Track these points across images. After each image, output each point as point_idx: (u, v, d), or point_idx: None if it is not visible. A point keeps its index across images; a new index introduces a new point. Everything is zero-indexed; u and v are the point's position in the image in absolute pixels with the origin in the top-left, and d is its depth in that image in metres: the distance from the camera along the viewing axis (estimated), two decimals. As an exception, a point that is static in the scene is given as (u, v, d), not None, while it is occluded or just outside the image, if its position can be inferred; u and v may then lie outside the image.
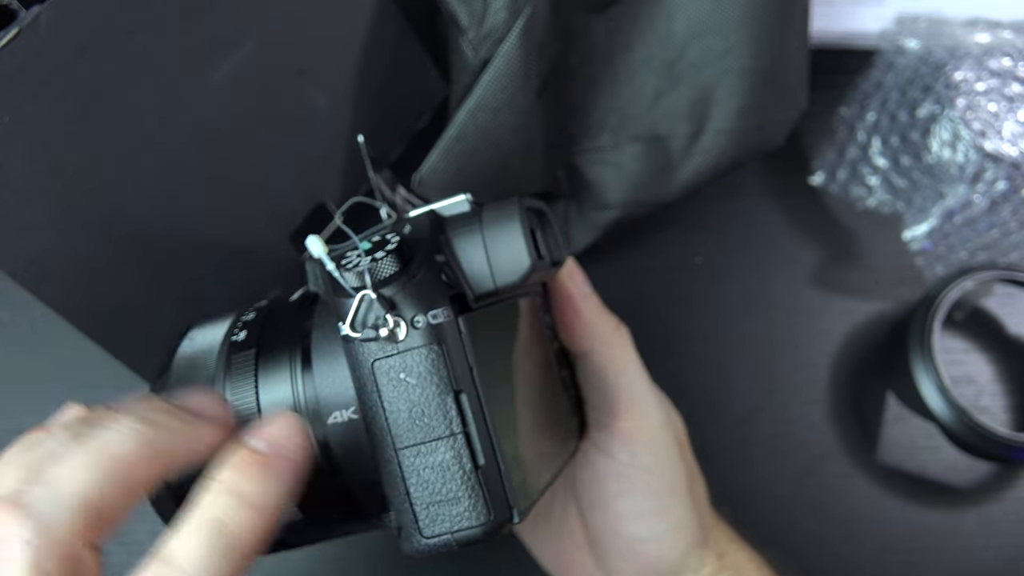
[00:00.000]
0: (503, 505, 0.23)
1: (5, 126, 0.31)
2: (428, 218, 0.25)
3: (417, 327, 0.22)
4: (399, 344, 0.23)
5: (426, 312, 0.23)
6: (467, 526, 0.22)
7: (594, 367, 0.32)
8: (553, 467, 0.29)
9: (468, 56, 0.39)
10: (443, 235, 0.25)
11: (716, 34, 0.40)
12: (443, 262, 0.24)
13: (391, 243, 0.24)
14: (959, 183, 0.43)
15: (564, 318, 0.33)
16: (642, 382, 0.33)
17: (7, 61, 0.30)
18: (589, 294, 0.33)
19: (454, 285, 0.24)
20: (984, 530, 0.44)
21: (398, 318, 0.22)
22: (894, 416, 0.45)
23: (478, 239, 0.25)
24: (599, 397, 0.33)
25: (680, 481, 0.33)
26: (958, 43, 0.44)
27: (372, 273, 0.23)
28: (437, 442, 0.22)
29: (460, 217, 0.26)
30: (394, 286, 0.23)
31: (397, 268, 0.23)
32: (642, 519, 0.32)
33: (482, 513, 0.22)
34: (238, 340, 0.27)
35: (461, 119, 0.39)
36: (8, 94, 0.30)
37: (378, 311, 0.22)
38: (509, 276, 0.25)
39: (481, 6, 0.38)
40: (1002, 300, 0.46)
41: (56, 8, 0.31)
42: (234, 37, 0.36)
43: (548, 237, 0.28)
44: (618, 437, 0.32)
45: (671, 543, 0.33)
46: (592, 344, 0.32)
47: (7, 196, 0.31)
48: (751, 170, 0.48)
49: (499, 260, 0.25)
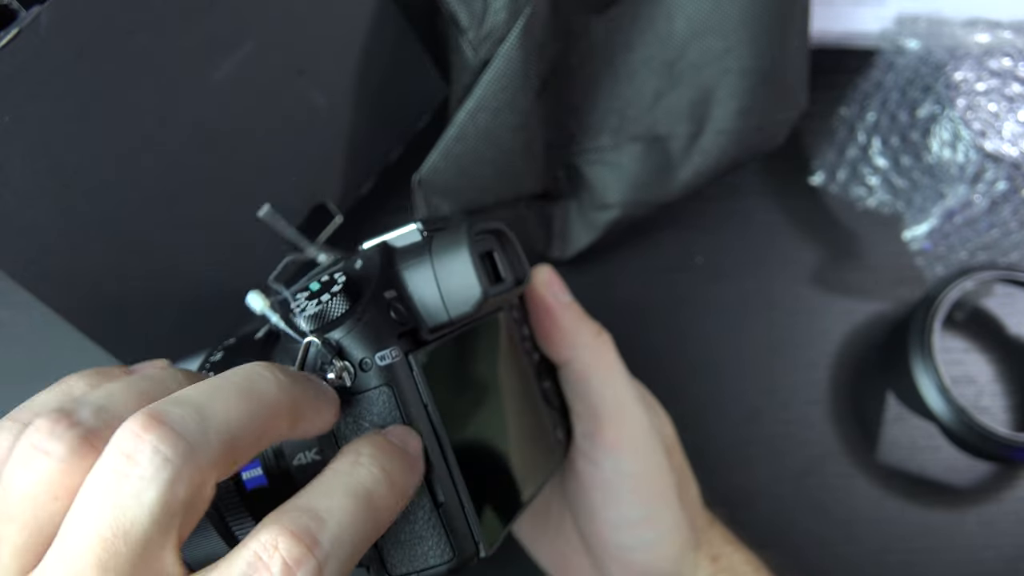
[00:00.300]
0: (468, 540, 0.23)
1: (5, 126, 0.31)
2: (379, 251, 0.25)
3: (366, 370, 0.22)
4: (350, 388, 0.22)
5: (374, 354, 0.22)
6: (433, 564, 0.22)
7: (576, 375, 0.32)
8: (535, 482, 0.28)
9: (468, 56, 0.39)
10: (393, 268, 0.25)
11: (716, 34, 0.40)
12: (393, 297, 0.24)
13: (338, 283, 0.23)
14: (959, 183, 0.43)
15: (542, 328, 0.32)
16: (626, 388, 0.33)
17: (7, 61, 0.30)
18: (568, 302, 0.33)
19: (405, 321, 0.24)
20: (984, 530, 0.44)
21: (345, 363, 0.22)
22: (894, 416, 0.45)
23: (428, 271, 0.25)
24: (582, 405, 0.32)
25: (667, 487, 0.33)
26: (958, 43, 0.44)
27: (320, 317, 0.23)
28: None
29: (411, 248, 0.25)
30: (342, 329, 0.22)
31: (345, 309, 0.23)
32: (630, 528, 0.32)
33: (446, 551, 0.22)
34: None
35: (461, 119, 0.39)
36: (8, 94, 0.30)
37: (324, 357, 0.22)
38: (462, 307, 0.24)
39: (481, 6, 0.38)
40: (1002, 300, 0.46)
41: (56, 8, 0.31)
42: (234, 37, 0.36)
43: (510, 255, 0.28)
44: (602, 445, 0.32)
45: (661, 551, 0.32)
46: (573, 352, 0.32)
47: (7, 196, 0.31)
48: (751, 170, 0.48)
49: (451, 290, 0.24)
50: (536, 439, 0.30)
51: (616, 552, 0.33)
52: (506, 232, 0.28)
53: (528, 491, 0.28)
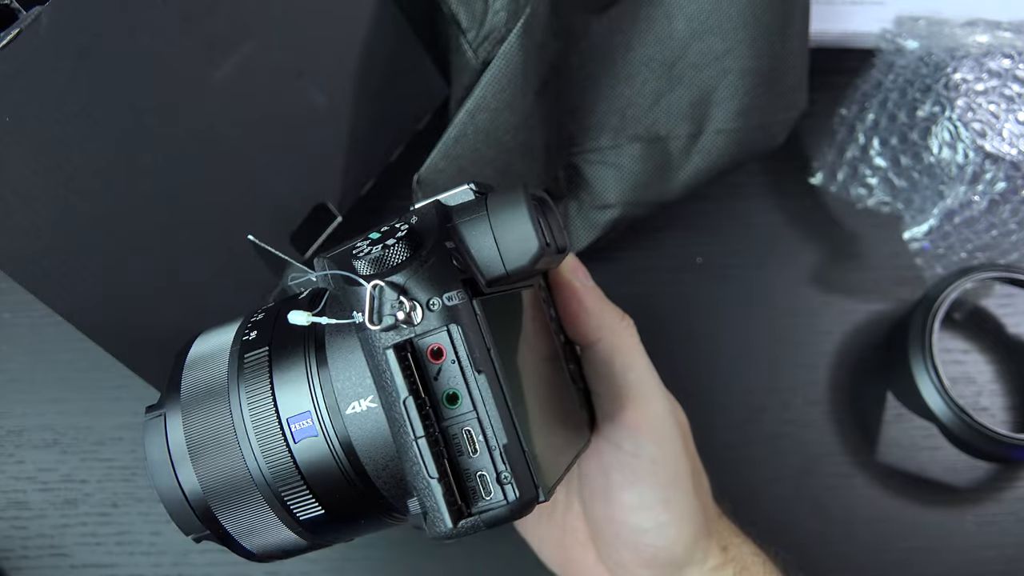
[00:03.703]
0: (528, 483, 0.23)
1: (5, 126, 0.31)
2: (434, 208, 0.25)
3: (433, 310, 0.22)
4: (416, 328, 0.22)
5: (441, 295, 0.22)
6: (493, 506, 0.22)
7: (600, 357, 0.33)
8: (567, 456, 0.28)
9: (468, 56, 0.39)
10: (450, 224, 0.25)
11: (716, 35, 0.40)
12: (452, 248, 0.24)
13: (400, 231, 0.24)
14: (959, 183, 0.43)
15: (569, 310, 0.33)
16: (648, 373, 0.33)
17: (7, 61, 0.30)
18: (593, 287, 0.33)
19: (465, 271, 0.24)
20: (984, 530, 0.44)
21: (413, 302, 0.22)
22: (894, 416, 0.45)
23: (485, 225, 0.25)
24: (605, 387, 0.33)
25: (684, 473, 0.33)
26: (958, 43, 0.44)
27: (383, 261, 0.23)
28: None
29: (466, 205, 0.26)
30: (406, 272, 0.23)
31: (408, 254, 0.23)
32: (646, 510, 0.32)
33: (510, 492, 0.22)
34: (250, 339, 0.27)
35: (461, 119, 0.39)
36: (8, 94, 0.30)
37: (391, 297, 0.22)
38: (519, 259, 0.25)
39: (481, 7, 0.38)
40: (1002, 300, 0.46)
41: (56, 8, 0.31)
42: (234, 37, 0.36)
43: (552, 224, 0.28)
44: (624, 427, 0.32)
45: (675, 535, 0.33)
46: (599, 334, 0.32)
47: (7, 196, 0.31)
48: (751, 170, 0.48)
49: (508, 244, 0.25)
50: (567, 412, 0.30)
51: (630, 535, 0.33)
52: (549, 201, 0.29)
53: (565, 458, 0.28)
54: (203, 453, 0.26)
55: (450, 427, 0.22)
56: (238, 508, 0.26)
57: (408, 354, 0.22)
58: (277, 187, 0.39)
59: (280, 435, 0.25)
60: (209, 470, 0.26)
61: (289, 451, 0.25)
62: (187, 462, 0.26)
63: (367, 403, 0.24)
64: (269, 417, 0.25)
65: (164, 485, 0.26)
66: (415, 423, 0.22)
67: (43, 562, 0.43)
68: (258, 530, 0.26)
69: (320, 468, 0.25)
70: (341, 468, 0.25)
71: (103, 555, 0.43)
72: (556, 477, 0.26)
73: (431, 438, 0.22)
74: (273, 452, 0.25)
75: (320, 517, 0.26)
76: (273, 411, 0.25)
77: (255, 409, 0.25)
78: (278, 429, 0.25)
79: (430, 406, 0.22)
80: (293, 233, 0.40)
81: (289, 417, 0.25)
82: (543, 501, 0.23)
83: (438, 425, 0.22)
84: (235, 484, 0.26)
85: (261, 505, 0.26)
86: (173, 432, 0.26)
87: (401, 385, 0.22)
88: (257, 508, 0.26)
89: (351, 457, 0.25)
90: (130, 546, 0.43)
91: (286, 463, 0.25)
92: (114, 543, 0.43)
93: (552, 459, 0.26)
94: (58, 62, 0.31)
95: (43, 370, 0.45)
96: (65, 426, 0.44)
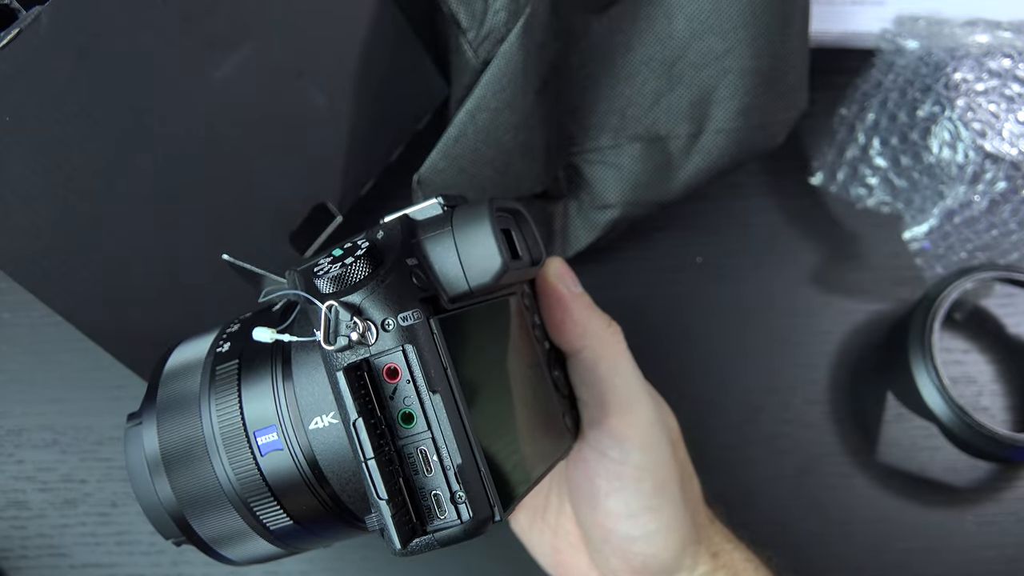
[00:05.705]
0: (483, 503, 0.23)
1: (5, 126, 0.31)
2: (400, 223, 0.26)
3: (388, 330, 0.22)
4: (371, 348, 0.22)
5: (396, 315, 0.23)
6: (447, 525, 0.22)
7: (586, 364, 0.32)
8: (543, 464, 0.28)
9: (468, 56, 0.39)
10: (415, 239, 0.25)
11: (716, 34, 0.40)
12: (414, 265, 0.24)
13: (360, 248, 0.24)
14: (959, 183, 0.43)
15: (553, 317, 0.32)
16: (635, 379, 0.33)
17: (7, 61, 0.30)
18: (579, 293, 0.33)
19: (427, 288, 0.24)
20: (984, 530, 0.44)
21: (367, 322, 0.22)
22: (894, 416, 0.45)
23: (449, 241, 0.25)
24: (591, 394, 0.32)
25: (671, 480, 0.33)
26: (958, 43, 0.44)
27: (342, 280, 0.23)
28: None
29: (432, 220, 0.26)
30: (363, 291, 0.23)
31: (367, 272, 0.23)
32: (633, 518, 0.32)
33: (463, 512, 0.22)
34: (222, 351, 0.27)
35: (461, 119, 0.39)
36: (8, 94, 0.30)
37: (345, 318, 0.22)
38: (482, 277, 0.25)
39: (481, 6, 0.38)
40: (1002, 300, 0.46)
41: (56, 8, 0.31)
42: (234, 37, 0.36)
43: (526, 236, 0.28)
44: (609, 434, 0.32)
45: (663, 542, 0.32)
46: (583, 341, 0.32)
47: (7, 196, 0.31)
48: (751, 170, 0.48)
49: (471, 261, 0.25)
50: (546, 421, 0.30)
51: (618, 543, 0.33)
52: (523, 213, 0.29)
53: (537, 470, 0.28)
54: (176, 464, 0.26)
55: (405, 446, 0.23)
56: (210, 517, 0.26)
57: (364, 373, 0.22)
58: (277, 187, 0.39)
59: (247, 448, 0.25)
60: (182, 480, 0.26)
61: (256, 464, 0.25)
62: (162, 472, 0.27)
63: (329, 419, 0.24)
64: (237, 430, 0.25)
65: (142, 492, 0.27)
66: (364, 445, 0.22)
67: (42, 562, 0.43)
68: (232, 538, 0.27)
69: (286, 481, 0.25)
70: (307, 481, 0.25)
71: (103, 555, 0.43)
72: (525, 488, 0.26)
73: (382, 459, 0.22)
74: (241, 464, 0.25)
75: (289, 527, 0.26)
76: (241, 424, 0.25)
77: (224, 421, 0.26)
78: (245, 442, 0.25)
79: (385, 425, 0.22)
80: (293, 233, 0.40)
81: (256, 430, 0.25)
82: (499, 520, 0.23)
83: (393, 444, 0.22)
84: (206, 495, 0.26)
85: (232, 515, 0.26)
86: (149, 442, 0.27)
87: (351, 407, 0.22)
88: (228, 517, 0.26)
89: (315, 471, 0.25)
90: (130, 546, 0.43)
91: (253, 475, 0.25)
92: (114, 543, 0.43)
93: (526, 469, 0.26)
94: (58, 62, 0.31)
95: (43, 370, 0.45)
96: (65, 426, 0.44)
